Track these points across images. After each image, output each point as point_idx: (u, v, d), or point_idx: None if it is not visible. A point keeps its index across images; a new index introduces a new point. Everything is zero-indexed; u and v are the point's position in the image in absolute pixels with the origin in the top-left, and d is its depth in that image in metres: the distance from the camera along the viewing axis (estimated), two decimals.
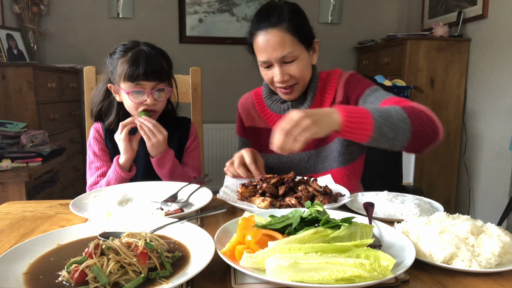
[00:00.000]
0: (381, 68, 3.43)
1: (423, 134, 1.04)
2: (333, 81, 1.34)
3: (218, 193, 1.09)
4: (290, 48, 1.21)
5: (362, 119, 0.96)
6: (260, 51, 1.25)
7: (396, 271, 0.64)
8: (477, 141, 3.07)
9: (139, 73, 1.26)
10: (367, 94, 1.25)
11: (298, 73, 1.24)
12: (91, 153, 1.39)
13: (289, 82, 1.26)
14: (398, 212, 0.99)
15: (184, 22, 3.72)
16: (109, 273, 0.61)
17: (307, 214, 0.77)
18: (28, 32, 3.23)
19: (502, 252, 0.72)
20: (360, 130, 0.96)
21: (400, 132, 1.00)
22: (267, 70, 1.28)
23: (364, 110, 0.99)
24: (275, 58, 1.22)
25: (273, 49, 1.21)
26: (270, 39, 1.21)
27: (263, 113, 1.44)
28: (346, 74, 1.34)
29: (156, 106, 1.32)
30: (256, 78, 1.44)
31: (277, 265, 0.61)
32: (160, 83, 1.31)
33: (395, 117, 1.00)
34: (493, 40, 2.85)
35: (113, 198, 1.06)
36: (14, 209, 1.09)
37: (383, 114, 1.00)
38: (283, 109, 1.35)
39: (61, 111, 3.07)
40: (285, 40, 1.20)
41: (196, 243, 0.76)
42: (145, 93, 1.28)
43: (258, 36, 1.24)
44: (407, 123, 1.01)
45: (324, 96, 1.34)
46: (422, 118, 1.05)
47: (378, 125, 0.97)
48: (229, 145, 3.87)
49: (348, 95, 1.30)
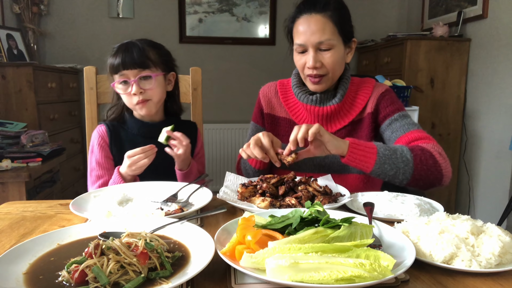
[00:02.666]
0: (381, 68, 3.43)
1: (424, 178, 1.14)
2: (366, 89, 1.35)
3: (218, 193, 1.09)
4: (329, 35, 1.23)
5: (367, 153, 1.11)
6: (299, 33, 1.25)
7: (396, 271, 0.64)
8: (477, 141, 3.07)
9: (118, 62, 1.25)
10: (395, 118, 1.30)
11: (330, 63, 1.25)
12: (94, 160, 1.35)
13: (320, 70, 1.26)
14: (398, 212, 0.99)
15: (184, 22, 3.72)
16: (109, 273, 0.61)
17: (307, 214, 0.77)
18: (28, 32, 3.23)
19: (502, 252, 0.72)
20: (363, 162, 1.11)
21: (400, 173, 1.12)
22: (301, 55, 1.28)
23: (372, 145, 1.12)
24: (312, 43, 1.23)
25: (312, 33, 1.22)
26: (312, 23, 1.23)
27: (285, 102, 1.43)
28: (381, 87, 1.36)
29: (147, 95, 1.29)
30: (256, 78, 1.45)
31: (277, 265, 0.61)
32: (144, 70, 1.28)
33: (399, 158, 1.12)
34: (493, 40, 2.85)
35: (113, 198, 1.06)
36: (14, 209, 1.09)
37: (388, 152, 1.12)
38: (311, 100, 1.34)
39: (61, 111, 3.07)
40: (326, 26, 1.22)
41: (196, 243, 0.76)
42: (129, 84, 1.28)
43: (300, 19, 1.26)
44: (409, 167, 1.12)
45: (355, 101, 1.35)
46: (428, 164, 1.13)
47: (380, 162, 1.11)
48: (229, 145, 3.87)
49: (378, 109, 1.33)
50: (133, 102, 1.30)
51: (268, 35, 3.87)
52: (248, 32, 3.85)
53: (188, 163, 1.33)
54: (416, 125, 1.28)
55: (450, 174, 1.17)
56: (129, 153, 1.20)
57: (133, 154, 1.19)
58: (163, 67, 1.35)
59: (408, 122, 1.28)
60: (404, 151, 1.13)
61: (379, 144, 1.14)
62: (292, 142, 1.10)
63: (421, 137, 1.23)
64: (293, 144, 1.10)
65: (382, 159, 1.10)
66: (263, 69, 3.87)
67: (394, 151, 1.13)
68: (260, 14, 3.83)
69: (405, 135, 1.25)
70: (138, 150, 1.19)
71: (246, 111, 3.88)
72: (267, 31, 3.87)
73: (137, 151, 1.19)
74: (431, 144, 1.19)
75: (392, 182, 1.15)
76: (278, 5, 3.82)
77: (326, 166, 1.37)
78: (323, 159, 1.36)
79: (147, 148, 1.19)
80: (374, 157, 1.10)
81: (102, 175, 1.33)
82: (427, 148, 1.16)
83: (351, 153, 1.10)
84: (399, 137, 1.26)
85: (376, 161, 1.10)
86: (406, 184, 1.15)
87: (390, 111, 1.31)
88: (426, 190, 1.19)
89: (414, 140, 1.23)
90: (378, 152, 1.11)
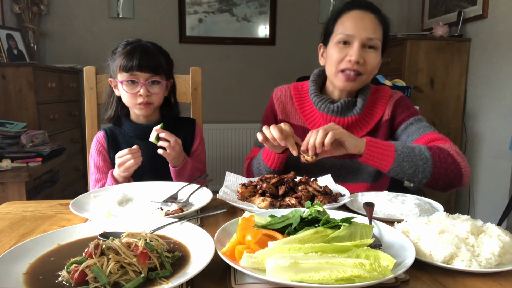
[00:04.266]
0: (381, 68, 3.38)
1: (444, 177, 1.12)
2: (383, 99, 1.36)
3: (218, 193, 1.09)
4: (379, 35, 1.25)
5: (385, 151, 1.10)
6: (348, 24, 1.25)
7: (396, 271, 0.64)
8: (477, 141, 3.07)
9: (134, 64, 1.28)
10: (410, 122, 1.31)
11: (371, 63, 1.26)
12: (93, 165, 1.40)
13: (360, 67, 1.25)
14: (398, 212, 0.99)
15: (184, 22, 3.72)
16: (109, 273, 0.61)
17: (307, 214, 0.77)
18: (28, 32, 3.23)
19: (502, 252, 0.72)
20: (381, 160, 1.10)
21: (420, 171, 1.11)
22: (342, 47, 1.26)
23: (389, 143, 1.12)
24: (362, 36, 1.23)
25: (364, 27, 1.23)
26: (366, 19, 1.24)
27: (301, 109, 1.39)
28: (396, 95, 1.37)
29: (151, 98, 1.33)
30: (256, 78, 1.45)
31: (277, 265, 0.61)
32: (155, 76, 1.32)
33: (417, 156, 1.10)
34: (493, 40, 2.85)
35: (113, 198, 1.06)
36: (14, 209, 1.09)
37: (407, 150, 1.10)
38: (331, 110, 1.32)
39: (61, 111, 3.07)
40: (377, 27, 1.25)
41: (196, 243, 0.76)
42: (139, 84, 1.30)
43: (351, 12, 1.26)
44: (429, 164, 1.11)
45: (374, 110, 1.35)
46: (447, 162, 1.12)
47: (399, 159, 1.09)
48: (229, 145, 3.87)
49: (394, 115, 1.34)
50: (136, 102, 1.32)
51: (268, 35, 3.87)
52: (248, 32, 3.85)
53: (182, 160, 1.32)
54: (431, 127, 1.29)
55: (469, 174, 1.16)
56: (118, 154, 1.23)
57: (121, 155, 1.22)
58: (167, 75, 1.39)
59: (423, 125, 1.29)
60: (422, 149, 1.13)
61: (397, 143, 1.14)
62: (311, 149, 1.09)
63: (437, 138, 1.22)
64: (311, 150, 1.09)
65: (401, 156, 1.09)
66: (263, 69, 3.87)
67: (413, 149, 1.12)
68: (260, 14, 3.83)
69: (421, 137, 1.25)
70: (126, 151, 1.21)
71: (246, 111, 3.89)
72: (267, 31, 3.87)
73: (124, 152, 1.21)
74: (447, 144, 1.19)
75: (411, 182, 1.14)
76: (278, 5, 3.82)
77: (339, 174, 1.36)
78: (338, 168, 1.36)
79: (134, 149, 1.21)
80: (393, 154, 1.09)
81: (100, 178, 1.36)
82: (445, 148, 1.16)
83: (368, 151, 1.09)
84: (415, 140, 1.26)
85: (394, 159, 1.09)
86: (426, 184, 1.13)
87: (405, 116, 1.32)
88: (446, 191, 1.17)
89: (430, 141, 1.22)
90: (396, 150, 1.10)
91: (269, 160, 1.27)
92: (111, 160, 1.38)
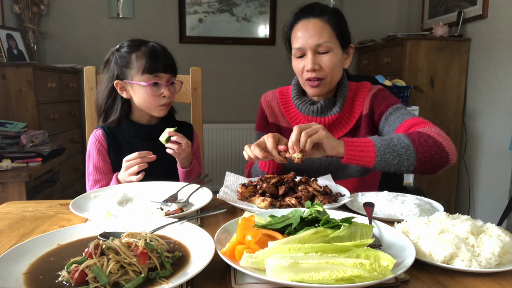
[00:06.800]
0: (381, 68, 3.43)
1: (429, 159, 1.11)
2: (362, 94, 1.36)
3: (218, 193, 1.09)
4: (327, 38, 1.25)
5: (365, 147, 1.09)
6: (297, 38, 1.27)
7: (396, 271, 0.64)
8: (477, 141, 3.07)
9: (159, 66, 1.29)
10: (389, 112, 1.30)
11: (329, 66, 1.26)
12: (91, 165, 1.35)
13: (318, 73, 1.27)
14: (398, 212, 0.99)
15: (184, 22, 3.72)
16: (109, 273, 0.61)
17: (307, 214, 0.77)
18: (28, 32, 3.23)
19: (502, 252, 0.72)
20: (363, 158, 1.08)
21: (404, 159, 1.09)
22: (299, 60, 1.29)
23: (367, 139, 1.11)
24: (310, 45, 1.25)
25: (310, 36, 1.24)
26: (310, 27, 1.25)
27: (287, 112, 1.43)
28: (374, 88, 1.37)
29: (170, 99, 1.36)
30: (256, 78, 1.45)
31: (277, 265, 0.61)
32: (173, 76, 1.36)
33: (397, 145, 1.10)
34: (493, 40, 2.85)
35: (113, 198, 1.06)
36: (14, 209, 1.09)
37: (385, 142, 1.10)
38: (311, 111, 1.36)
39: (61, 111, 3.07)
40: (324, 29, 1.25)
41: (196, 243, 0.76)
42: (162, 86, 1.31)
43: (298, 25, 1.28)
44: (411, 151, 1.10)
45: (354, 107, 1.36)
46: (429, 144, 1.12)
47: (380, 152, 1.08)
48: (229, 145, 3.87)
49: (373, 109, 1.34)
50: (158, 103, 1.33)
51: (268, 35, 3.87)
52: (248, 32, 3.85)
53: (190, 161, 1.35)
54: (410, 114, 1.28)
55: (454, 151, 1.15)
56: (127, 158, 1.21)
57: (130, 159, 1.20)
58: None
59: (402, 113, 1.28)
60: (400, 137, 1.12)
61: (374, 137, 1.13)
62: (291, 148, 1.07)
63: (417, 123, 1.22)
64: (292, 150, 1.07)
65: (381, 149, 1.09)
66: (263, 69, 3.88)
67: (391, 140, 1.11)
68: (260, 14, 3.83)
69: (401, 125, 1.24)
70: (135, 155, 1.20)
71: (246, 111, 3.89)
72: (267, 31, 3.87)
73: (134, 155, 1.20)
74: (427, 127, 1.18)
75: (399, 172, 1.13)
76: (278, 5, 3.82)
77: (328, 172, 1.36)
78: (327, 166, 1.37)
79: (144, 153, 1.20)
80: (373, 149, 1.08)
81: (100, 179, 1.33)
82: (424, 131, 1.15)
83: (348, 151, 1.08)
84: (396, 129, 1.26)
85: (376, 153, 1.08)
86: (414, 170, 1.13)
87: (384, 107, 1.32)
88: (436, 173, 1.16)
89: (410, 127, 1.22)
90: (375, 144, 1.09)
91: (265, 167, 1.33)
92: (111, 161, 1.36)
